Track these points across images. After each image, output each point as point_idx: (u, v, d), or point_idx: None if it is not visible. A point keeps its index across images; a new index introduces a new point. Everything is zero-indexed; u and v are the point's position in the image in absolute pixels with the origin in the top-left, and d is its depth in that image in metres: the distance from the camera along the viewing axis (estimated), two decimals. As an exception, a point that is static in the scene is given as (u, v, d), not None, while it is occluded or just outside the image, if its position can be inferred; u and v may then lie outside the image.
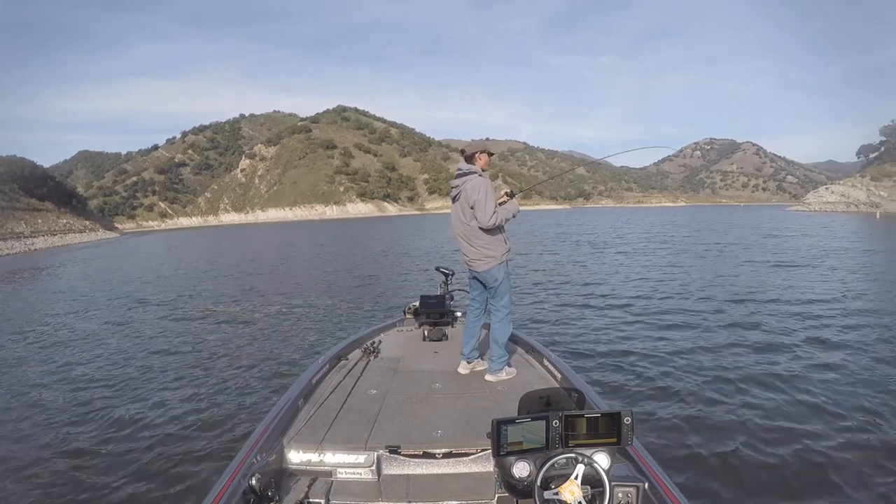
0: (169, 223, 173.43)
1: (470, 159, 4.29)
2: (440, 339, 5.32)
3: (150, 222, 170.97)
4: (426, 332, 5.43)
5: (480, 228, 4.15)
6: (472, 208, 4.11)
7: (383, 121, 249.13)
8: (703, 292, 13.68)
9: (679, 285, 14.96)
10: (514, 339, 5.04)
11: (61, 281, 24.63)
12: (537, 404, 2.45)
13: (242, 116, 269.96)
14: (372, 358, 4.63)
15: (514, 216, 4.29)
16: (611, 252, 26.12)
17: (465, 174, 4.21)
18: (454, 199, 4.27)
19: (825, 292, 13.13)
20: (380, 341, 5.12)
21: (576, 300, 13.24)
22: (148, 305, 14.99)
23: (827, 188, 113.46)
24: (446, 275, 6.00)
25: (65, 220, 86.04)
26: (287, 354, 9.03)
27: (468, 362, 4.35)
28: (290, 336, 10.46)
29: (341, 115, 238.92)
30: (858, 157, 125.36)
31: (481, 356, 4.44)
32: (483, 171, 4.27)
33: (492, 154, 4.38)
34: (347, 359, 4.63)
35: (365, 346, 4.80)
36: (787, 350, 8.26)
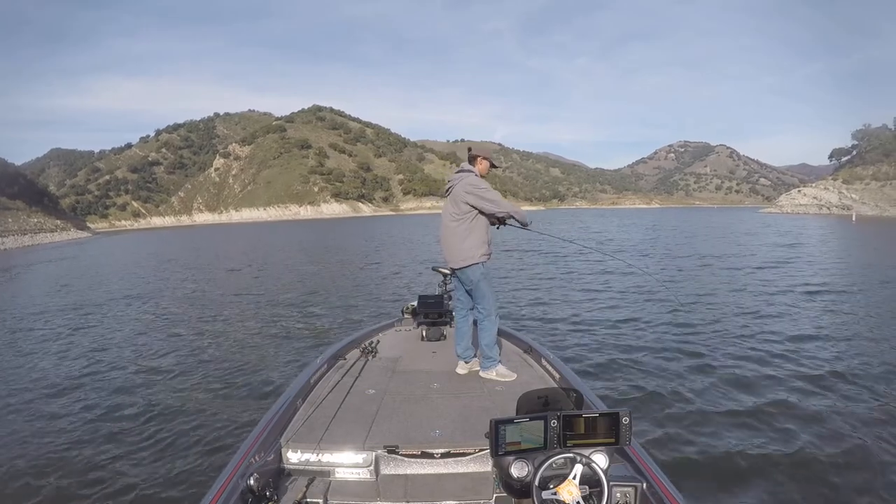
0: (142, 223, 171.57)
1: (472, 161, 4.34)
2: (438, 339, 5.30)
3: (123, 222, 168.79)
4: (424, 332, 5.41)
5: (491, 223, 4.26)
6: (475, 199, 4.12)
7: (358, 121, 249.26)
8: (701, 294, 13.67)
9: (677, 288, 14.93)
10: (512, 339, 5.09)
11: (47, 274, 24.21)
12: (535, 404, 2.44)
13: (217, 115, 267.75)
14: (370, 358, 4.60)
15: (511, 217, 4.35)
16: (612, 253, 25.87)
17: (463, 171, 4.27)
18: (447, 192, 4.31)
19: (820, 296, 12.96)
20: (378, 341, 5.11)
21: (576, 301, 13.24)
22: (139, 306, 14.71)
23: (799, 191, 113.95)
24: (444, 275, 5.94)
25: (36, 220, 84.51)
26: (285, 354, 8.93)
27: (465, 362, 4.34)
28: (288, 335, 10.34)
29: (316, 114, 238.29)
30: (831, 161, 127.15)
31: (477, 355, 4.42)
32: (482, 176, 4.34)
33: (494, 166, 4.51)
34: (346, 358, 4.61)
35: (363, 345, 4.77)
36: (789, 352, 8.16)
